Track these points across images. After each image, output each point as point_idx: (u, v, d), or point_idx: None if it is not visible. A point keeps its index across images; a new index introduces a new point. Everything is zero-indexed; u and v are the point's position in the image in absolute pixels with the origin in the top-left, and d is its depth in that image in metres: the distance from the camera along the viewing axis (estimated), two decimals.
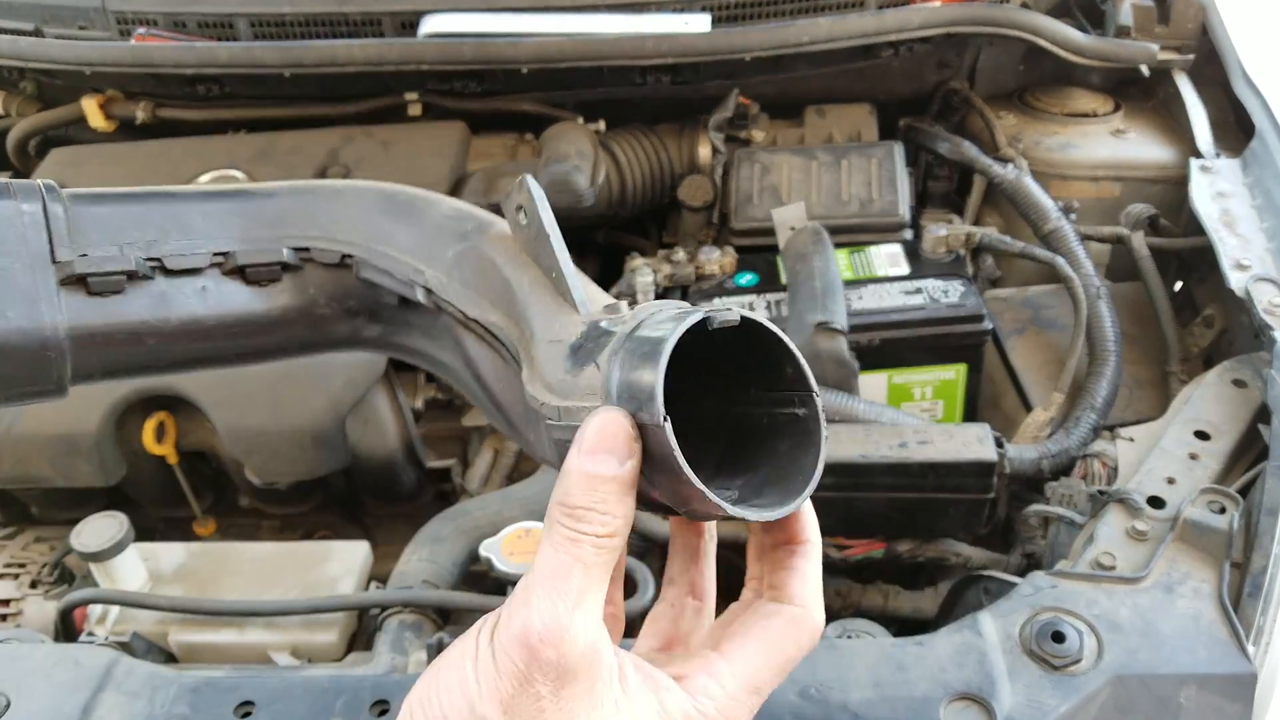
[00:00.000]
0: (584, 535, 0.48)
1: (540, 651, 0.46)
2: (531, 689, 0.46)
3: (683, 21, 1.62)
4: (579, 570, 0.48)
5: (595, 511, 0.49)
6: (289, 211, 0.68)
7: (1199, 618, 0.96)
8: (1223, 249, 1.35)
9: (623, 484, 0.49)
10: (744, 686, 0.52)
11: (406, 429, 1.40)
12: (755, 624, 0.54)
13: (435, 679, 0.49)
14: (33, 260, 0.58)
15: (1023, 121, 1.80)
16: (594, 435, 0.49)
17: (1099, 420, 1.35)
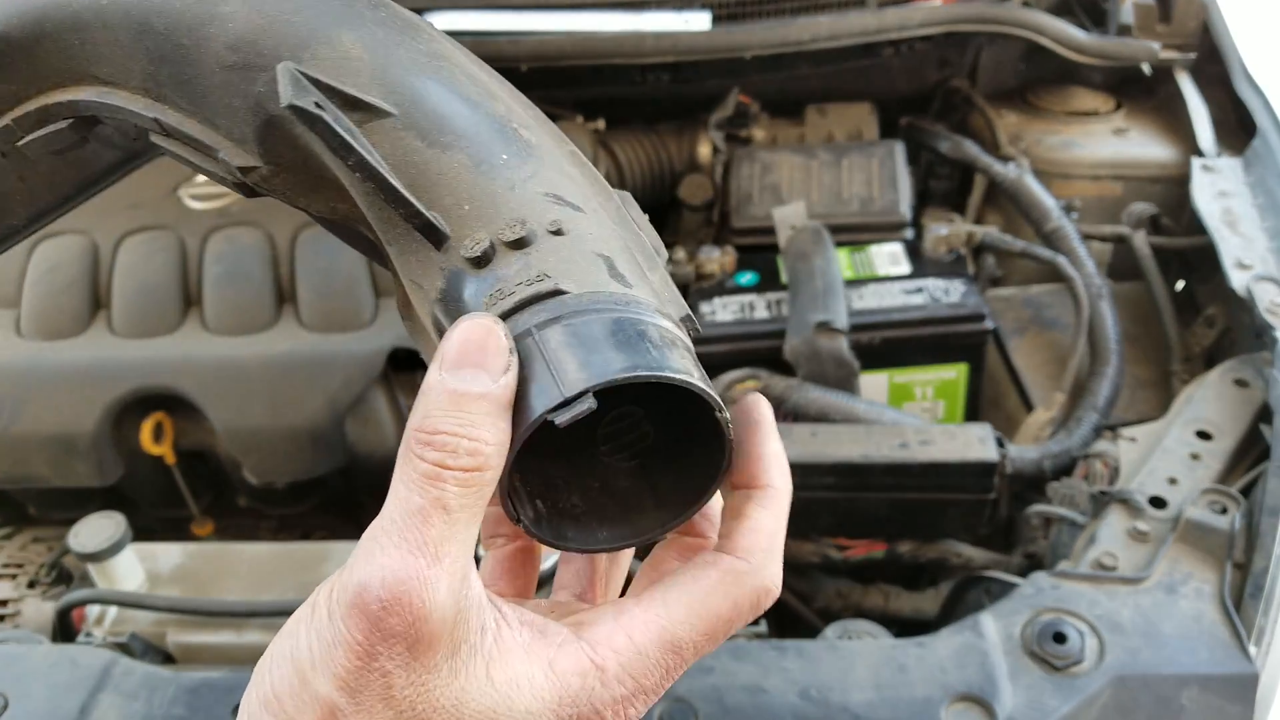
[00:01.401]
0: (447, 470, 0.39)
1: (384, 620, 0.37)
2: (375, 664, 0.38)
3: (683, 20, 1.62)
4: (438, 515, 0.39)
5: (461, 438, 0.39)
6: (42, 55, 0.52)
7: (1201, 618, 0.96)
8: (1224, 248, 1.34)
9: (496, 403, 0.40)
10: (658, 640, 0.42)
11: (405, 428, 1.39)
12: (686, 573, 0.44)
13: (271, 652, 0.41)
14: None
15: (1024, 120, 1.80)
16: (458, 346, 0.40)
17: (1101, 420, 1.34)
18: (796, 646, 0.96)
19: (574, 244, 0.44)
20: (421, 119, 0.46)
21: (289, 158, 0.48)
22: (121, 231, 1.47)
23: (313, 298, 1.39)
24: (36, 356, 1.36)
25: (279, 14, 0.47)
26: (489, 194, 0.45)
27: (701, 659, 0.92)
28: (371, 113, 0.46)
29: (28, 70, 0.52)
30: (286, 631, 0.41)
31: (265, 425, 1.32)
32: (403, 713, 0.39)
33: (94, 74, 0.51)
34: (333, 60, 0.46)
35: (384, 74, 0.47)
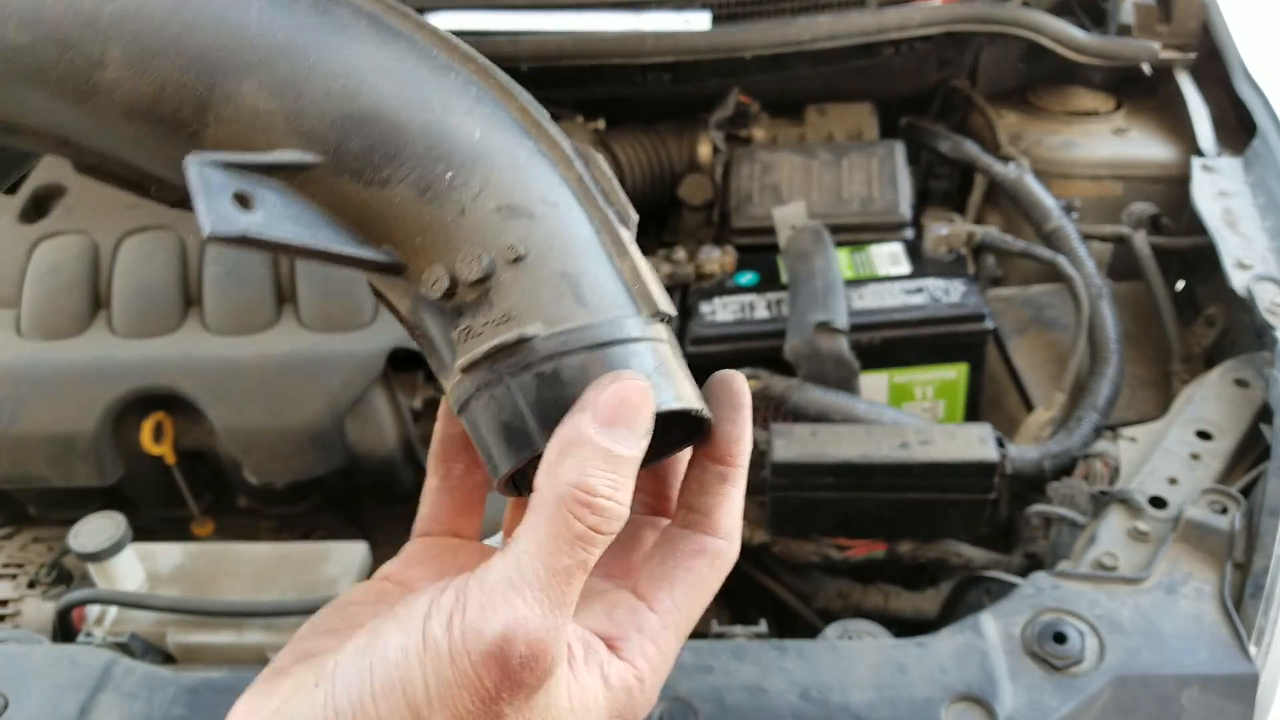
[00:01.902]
0: (599, 535, 0.40)
1: (520, 675, 0.38)
2: (495, 708, 0.38)
3: (683, 20, 1.62)
4: (580, 575, 0.40)
5: (615, 503, 0.40)
6: None
7: (1201, 618, 0.96)
8: (1225, 248, 1.34)
9: (637, 466, 0.41)
10: (675, 639, 0.46)
11: (405, 429, 1.39)
12: (680, 566, 0.47)
13: (370, 672, 0.40)
14: None
15: (1024, 120, 1.80)
16: (617, 403, 0.40)
17: (1101, 420, 1.34)
18: (796, 646, 0.96)
19: (536, 269, 0.44)
20: (352, 160, 0.44)
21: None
22: (122, 231, 1.47)
23: (313, 298, 1.39)
24: (36, 356, 1.37)
25: (167, 76, 0.44)
26: (440, 225, 0.44)
27: (701, 658, 0.92)
28: (296, 170, 0.43)
29: None
30: (389, 658, 0.39)
31: (265, 425, 1.32)
32: None
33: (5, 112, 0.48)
34: (239, 121, 0.43)
35: (299, 121, 0.44)
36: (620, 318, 0.44)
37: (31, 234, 1.50)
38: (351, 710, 0.39)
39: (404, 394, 1.41)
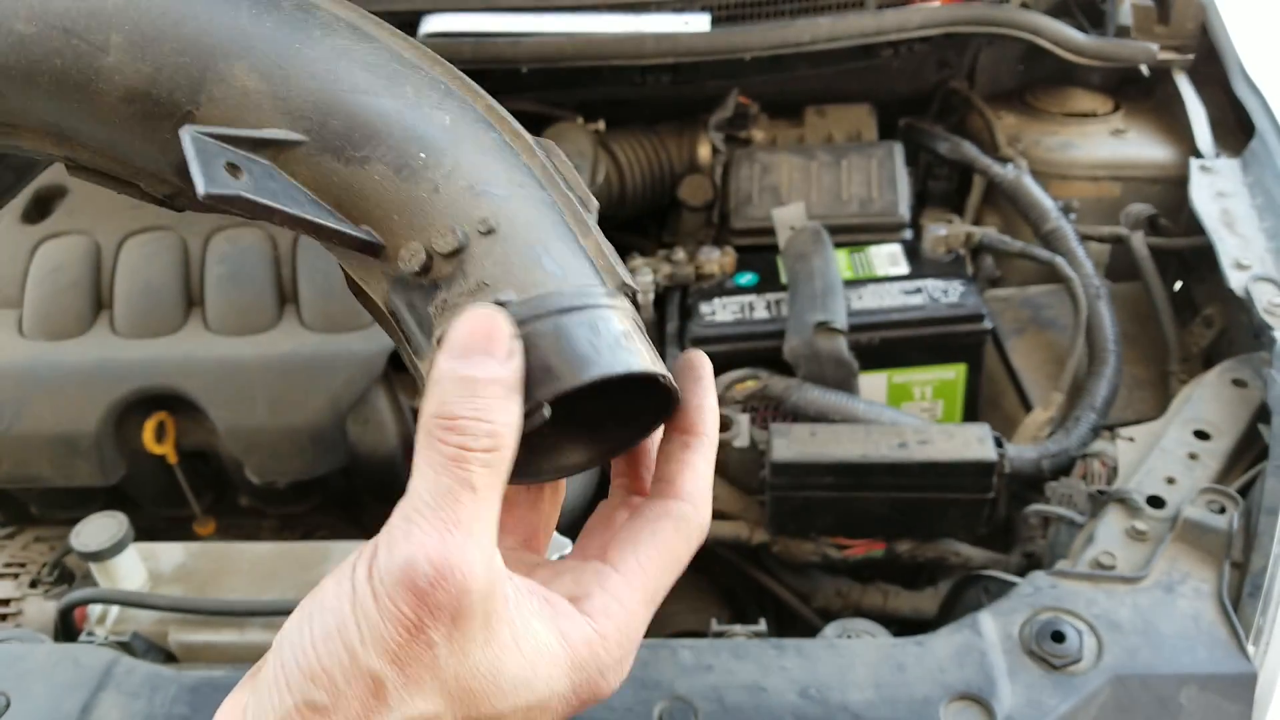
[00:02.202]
0: (469, 452, 0.42)
1: (430, 595, 0.40)
2: (423, 636, 0.41)
3: (683, 21, 1.62)
4: (467, 495, 0.41)
5: (479, 421, 0.42)
6: None
7: (1199, 617, 0.96)
8: (1223, 249, 1.35)
9: (507, 386, 0.43)
10: (642, 601, 0.47)
11: (406, 428, 1.40)
12: (644, 529, 0.49)
13: (309, 624, 0.42)
14: None
15: (1022, 121, 1.80)
16: (465, 337, 0.43)
17: (1099, 420, 1.35)
18: (796, 645, 0.96)
19: (507, 240, 0.46)
20: (333, 138, 0.46)
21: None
22: (124, 232, 1.48)
23: (314, 298, 1.39)
24: (39, 356, 1.37)
25: (164, 59, 0.46)
26: (415, 201, 0.46)
27: (701, 657, 0.93)
28: (282, 146, 0.46)
29: None
30: (325, 607, 0.42)
31: (267, 425, 1.32)
32: (446, 682, 0.41)
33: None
34: (230, 100, 0.46)
35: (285, 101, 0.46)
36: (588, 286, 0.46)
37: (34, 234, 1.50)
38: (295, 663, 0.42)
39: (405, 394, 1.42)
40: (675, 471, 0.50)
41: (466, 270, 0.45)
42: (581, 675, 0.45)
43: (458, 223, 0.45)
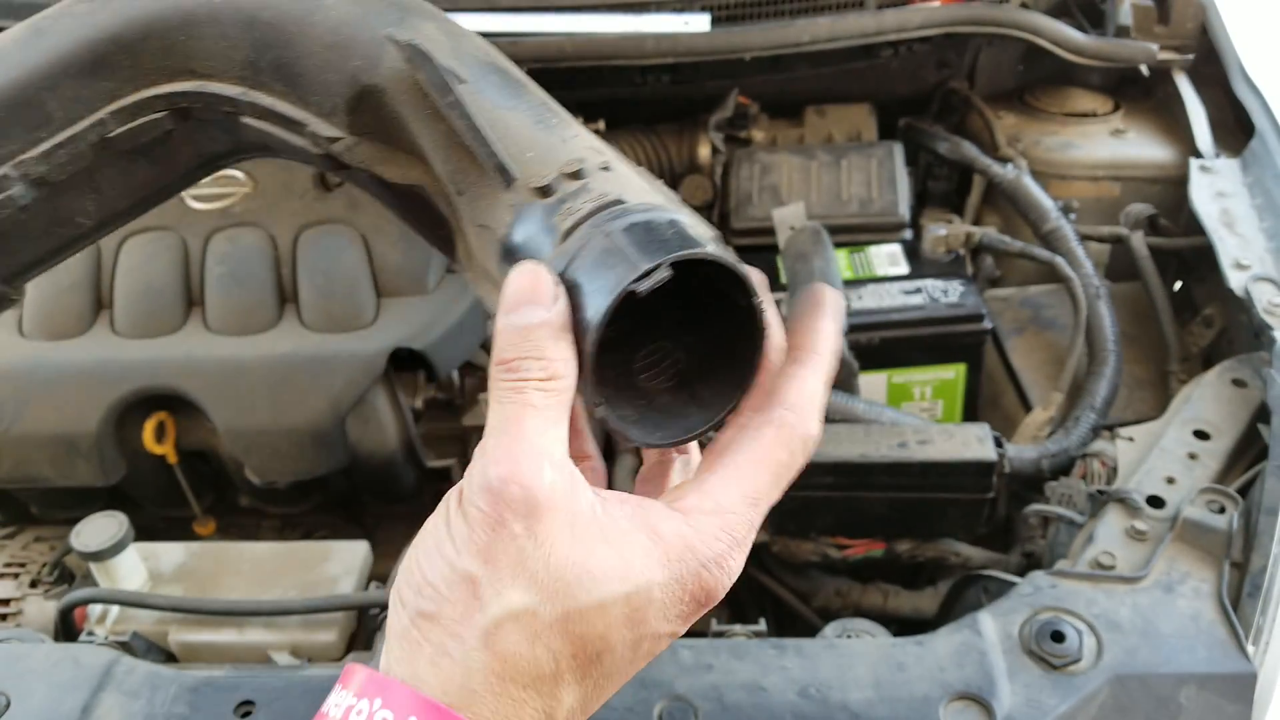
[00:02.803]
0: (526, 382, 0.46)
1: (504, 491, 0.44)
2: (505, 530, 0.44)
3: (682, 21, 1.62)
4: (529, 414, 0.46)
5: (531, 359, 0.47)
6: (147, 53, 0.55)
7: (1198, 617, 0.96)
8: (1222, 249, 1.35)
9: (554, 328, 0.47)
10: (740, 498, 0.49)
11: (406, 428, 1.40)
12: (745, 436, 0.50)
13: (414, 552, 0.48)
14: None
15: (1022, 121, 1.80)
16: (513, 293, 0.47)
17: (1098, 420, 1.35)
18: (796, 645, 0.97)
19: (622, 176, 0.52)
20: (489, 87, 0.54)
21: (373, 126, 0.55)
22: (124, 232, 1.48)
23: (314, 298, 1.39)
24: (39, 356, 1.37)
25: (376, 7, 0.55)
26: (548, 143, 0.53)
27: (701, 657, 0.93)
28: (454, 76, 0.53)
29: (130, 68, 0.55)
30: (425, 534, 0.48)
31: (267, 425, 1.32)
32: (536, 574, 0.44)
33: (191, 68, 0.56)
34: (420, 38, 0.53)
35: (458, 52, 0.54)
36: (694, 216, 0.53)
37: None
38: (406, 583, 0.47)
39: (405, 394, 1.42)
40: (781, 384, 0.51)
41: (589, 186, 0.50)
42: (681, 568, 0.46)
43: (581, 163, 0.52)
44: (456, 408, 1.53)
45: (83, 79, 0.54)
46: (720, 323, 0.52)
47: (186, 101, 0.57)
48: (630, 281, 0.45)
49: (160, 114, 0.57)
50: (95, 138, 0.56)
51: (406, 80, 0.53)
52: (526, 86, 0.56)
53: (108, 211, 0.59)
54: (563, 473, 0.46)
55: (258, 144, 0.59)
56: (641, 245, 0.47)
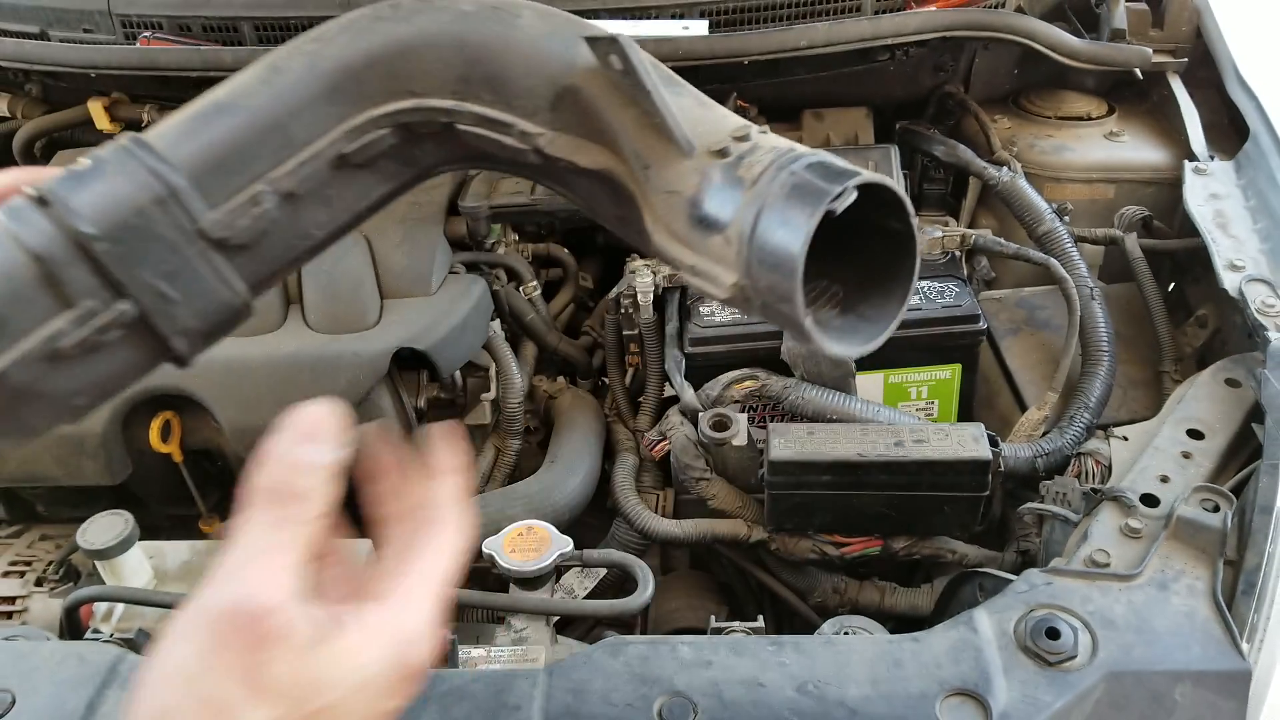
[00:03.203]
0: (285, 518, 0.50)
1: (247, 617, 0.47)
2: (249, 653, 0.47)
3: (681, 26, 1.63)
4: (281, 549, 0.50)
5: (297, 496, 0.51)
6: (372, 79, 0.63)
7: (1193, 615, 0.97)
8: (1216, 250, 1.36)
9: (329, 470, 0.52)
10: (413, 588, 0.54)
11: (410, 428, 1.41)
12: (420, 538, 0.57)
13: (150, 679, 0.49)
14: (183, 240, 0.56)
15: (1017, 124, 1.81)
16: (296, 427, 0.52)
17: (1093, 419, 1.36)
18: (794, 642, 0.97)
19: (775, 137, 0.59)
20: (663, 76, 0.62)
21: (569, 120, 0.62)
22: None
23: (318, 299, 1.40)
24: None
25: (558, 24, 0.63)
26: (712, 118, 0.61)
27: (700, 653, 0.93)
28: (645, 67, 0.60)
29: (357, 93, 0.62)
30: (162, 653, 0.49)
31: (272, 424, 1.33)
32: (280, 690, 0.47)
33: (410, 89, 0.63)
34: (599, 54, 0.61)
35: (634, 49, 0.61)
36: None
37: None
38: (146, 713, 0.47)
39: (408, 394, 1.43)
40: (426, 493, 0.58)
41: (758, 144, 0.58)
42: (389, 651, 0.51)
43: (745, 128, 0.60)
44: (459, 407, 1.54)
45: (318, 105, 0.61)
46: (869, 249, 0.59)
47: (407, 117, 0.63)
48: (828, 202, 0.53)
49: (385, 130, 0.63)
50: (331, 154, 0.61)
51: (599, 76, 0.61)
52: (675, 76, 0.64)
53: (336, 223, 0.64)
54: (297, 600, 0.49)
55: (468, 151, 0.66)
56: (826, 177, 0.54)
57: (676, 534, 1.34)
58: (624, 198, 0.63)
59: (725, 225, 0.57)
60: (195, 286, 0.56)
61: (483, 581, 1.24)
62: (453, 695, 0.92)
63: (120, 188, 0.54)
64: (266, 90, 0.60)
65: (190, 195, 0.56)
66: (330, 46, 0.62)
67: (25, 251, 0.51)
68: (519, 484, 1.40)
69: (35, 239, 0.52)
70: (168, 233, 0.54)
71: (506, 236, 1.72)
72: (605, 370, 1.69)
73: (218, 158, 0.57)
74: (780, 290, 0.54)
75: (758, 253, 0.55)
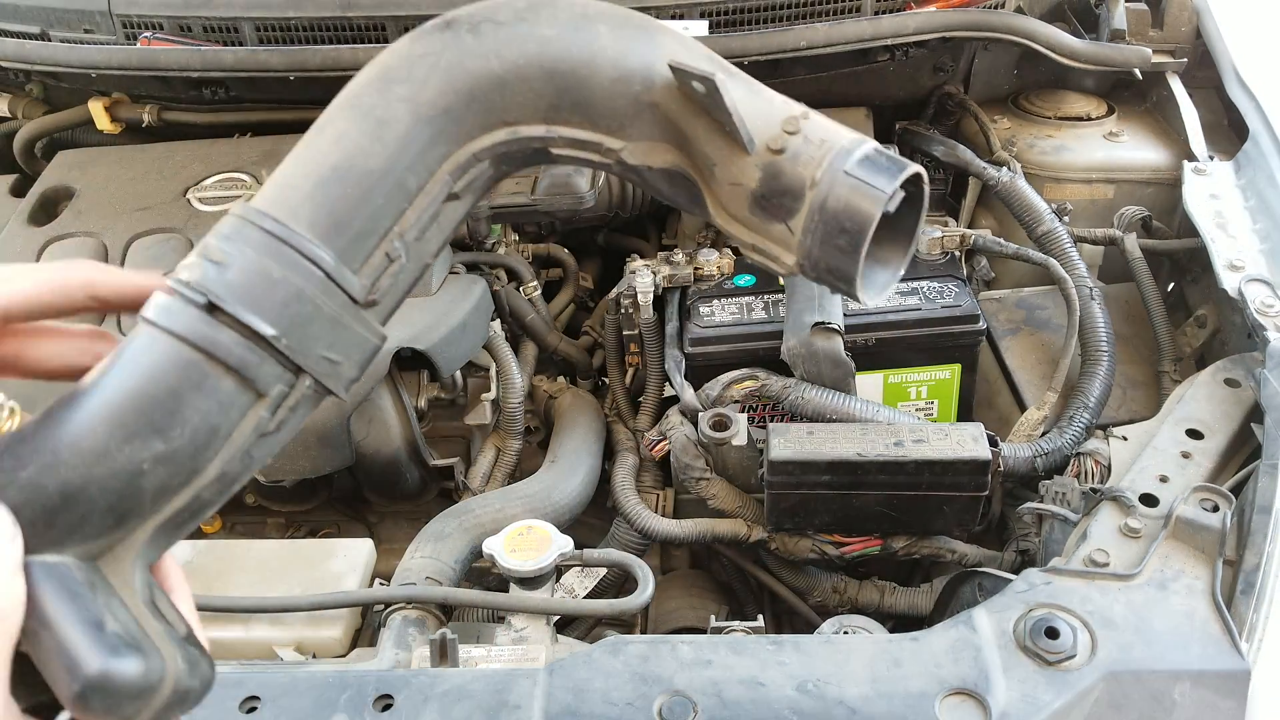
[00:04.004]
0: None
1: None
2: None
3: (681, 27, 1.63)
4: None
5: None
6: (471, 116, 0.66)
7: (1192, 615, 0.97)
8: (1216, 250, 1.36)
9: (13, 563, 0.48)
10: None
11: (410, 428, 1.41)
12: None
13: None
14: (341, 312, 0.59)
15: (1017, 125, 1.82)
16: None
17: (1092, 419, 1.36)
18: (793, 641, 0.98)
19: (814, 116, 0.64)
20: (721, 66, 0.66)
21: (648, 132, 0.67)
22: (131, 234, 1.49)
23: None
24: None
25: (633, 39, 0.67)
26: (765, 111, 0.65)
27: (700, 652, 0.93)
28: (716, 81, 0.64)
29: (457, 132, 0.65)
30: None
31: None
32: None
33: (502, 119, 0.66)
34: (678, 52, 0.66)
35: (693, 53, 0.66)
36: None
37: (40, 236, 1.51)
38: None
39: (409, 394, 1.43)
40: None
41: (808, 136, 0.63)
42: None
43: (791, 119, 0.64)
44: (459, 407, 1.54)
45: (427, 152, 0.64)
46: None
47: (505, 148, 0.67)
48: (883, 206, 0.59)
49: (485, 162, 0.67)
50: (443, 195, 0.65)
51: (674, 91, 0.65)
52: (728, 64, 0.68)
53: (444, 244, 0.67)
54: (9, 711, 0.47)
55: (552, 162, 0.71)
56: (874, 173, 0.61)
57: (676, 534, 1.35)
58: (690, 187, 0.68)
59: (788, 216, 0.63)
60: (353, 345, 0.60)
61: (483, 581, 1.24)
62: (453, 695, 0.93)
63: (284, 280, 0.57)
64: (380, 148, 0.62)
65: (342, 272, 0.59)
66: (426, 90, 0.64)
67: (221, 366, 0.55)
68: (519, 484, 1.40)
69: (228, 354, 0.55)
70: (329, 310, 0.58)
71: (506, 236, 1.72)
72: (605, 370, 1.69)
73: (355, 227, 0.60)
74: (842, 272, 0.62)
75: (820, 244, 0.62)
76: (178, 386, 0.54)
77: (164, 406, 0.54)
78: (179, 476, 0.55)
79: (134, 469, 0.53)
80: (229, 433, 0.56)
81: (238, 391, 0.56)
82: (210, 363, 0.55)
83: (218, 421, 0.55)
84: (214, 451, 0.56)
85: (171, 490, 0.55)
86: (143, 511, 0.55)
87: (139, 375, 0.54)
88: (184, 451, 0.54)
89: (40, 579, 0.50)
